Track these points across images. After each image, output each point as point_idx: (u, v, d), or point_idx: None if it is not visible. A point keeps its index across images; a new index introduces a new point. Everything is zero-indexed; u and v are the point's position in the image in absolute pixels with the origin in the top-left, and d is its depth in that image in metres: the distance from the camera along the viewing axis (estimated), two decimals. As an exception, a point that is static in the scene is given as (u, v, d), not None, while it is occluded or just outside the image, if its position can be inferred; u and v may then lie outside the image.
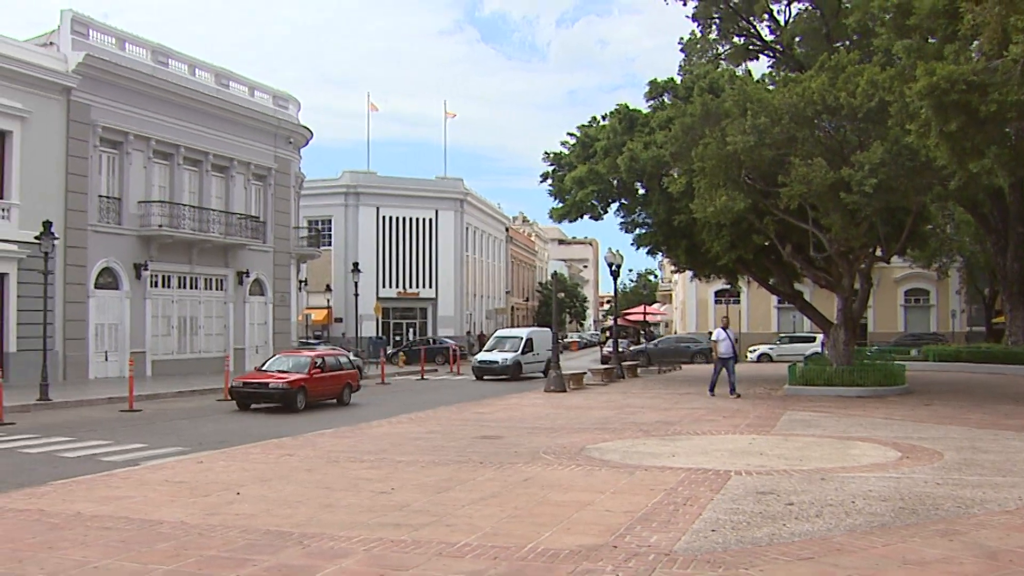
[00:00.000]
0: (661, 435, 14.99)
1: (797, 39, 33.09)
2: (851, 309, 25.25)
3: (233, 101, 37.37)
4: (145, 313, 33.20)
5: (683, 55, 34.75)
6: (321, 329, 54.62)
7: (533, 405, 21.31)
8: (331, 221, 58.00)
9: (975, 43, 17.02)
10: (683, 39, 34.55)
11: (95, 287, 31.17)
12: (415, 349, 46.78)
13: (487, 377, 34.57)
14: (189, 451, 14.08)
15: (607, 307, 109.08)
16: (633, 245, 31.65)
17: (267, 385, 21.61)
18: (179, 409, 22.15)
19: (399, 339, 56.69)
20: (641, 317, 69.87)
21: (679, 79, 31.97)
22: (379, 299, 55.11)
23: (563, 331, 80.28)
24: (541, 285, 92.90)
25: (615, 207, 31.05)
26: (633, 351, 44.47)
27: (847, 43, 28.79)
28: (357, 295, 42.32)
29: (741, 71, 32.61)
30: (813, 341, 43.98)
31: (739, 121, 21.85)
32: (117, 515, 8.69)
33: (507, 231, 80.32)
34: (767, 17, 33.77)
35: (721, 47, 34.98)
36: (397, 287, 59.30)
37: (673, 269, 45.37)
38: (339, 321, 54.26)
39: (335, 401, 23.36)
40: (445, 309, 60.88)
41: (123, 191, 32.42)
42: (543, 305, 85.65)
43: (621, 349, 36.29)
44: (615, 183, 29.25)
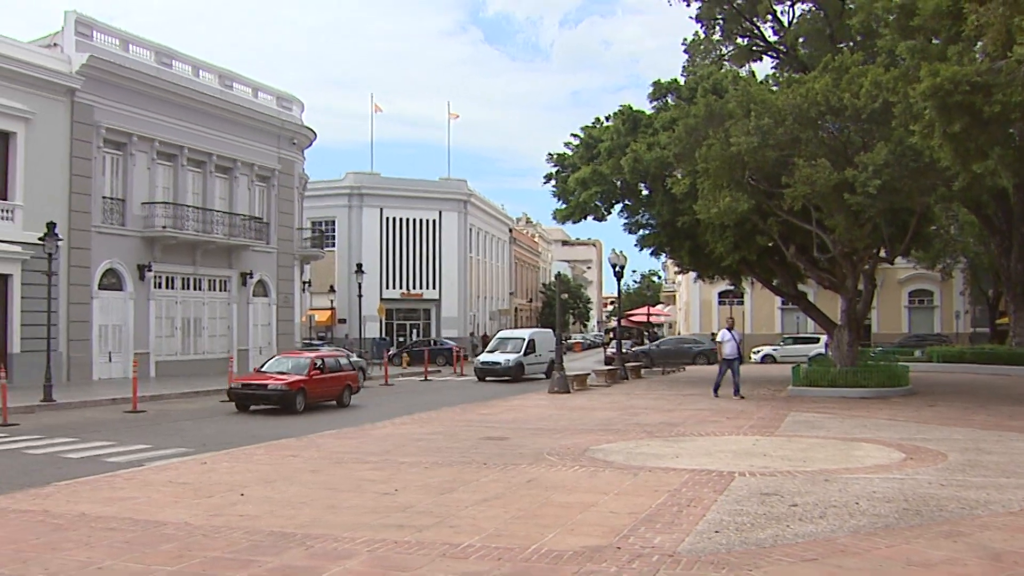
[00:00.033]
0: (665, 436, 14.99)
1: (801, 40, 33.02)
2: (855, 310, 25.23)
3: (237, 102, 37.41)
4: (149, 314, 33.26)
5: (687, 56, 34.70)
6: (325, 330, 54.61)
7: (537, 406, 21.30)
8: (335, 222, 58.03)
9: (979, 44, 17.00)
10: (687, 40, 34.51)
11: (99, 288, 31.22)
12: (416, 350, 46.80)
13: (489, 378, 34.59)
14: (193, 452, 14.09)
15: (611, 308, 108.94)
16: (637, 246, 31.71)
17: (266, 387, 21.38)
18: (183, 410, 22.15)
19: (403, 340, 56.70)
20: (645, 318, 70.08)
21: (683, 80, 31.96)
22: (383, 300, 55.16)
23: (567, 332, 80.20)
24: (545, 286, 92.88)
25: (619, 208, 31.10)
26: (634, 352, 44.35)
27: (851, 44, 28.73)
28: (361, 296, 42.32)
29: (745, 72, 32.54)
30: (817, 342, 43.93)
31: (743, 122, 21.85)
32: (121, 516, 8.71)
33: (511, 232, 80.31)
34: (771, 18, 33.71)
35: (725, 48, 34.92)
36: (401, 288, 59.32)
37: (677, 270, 45.43)
38: (343, 322, 54.23)
39: (335, 403, 23.20)
40: (449, 310, 60.92)
41: (127, 192, 32.48)
42: (547, 306, 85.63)
43: (624, 350, 36.24)
44: (619, 184, 29.26)
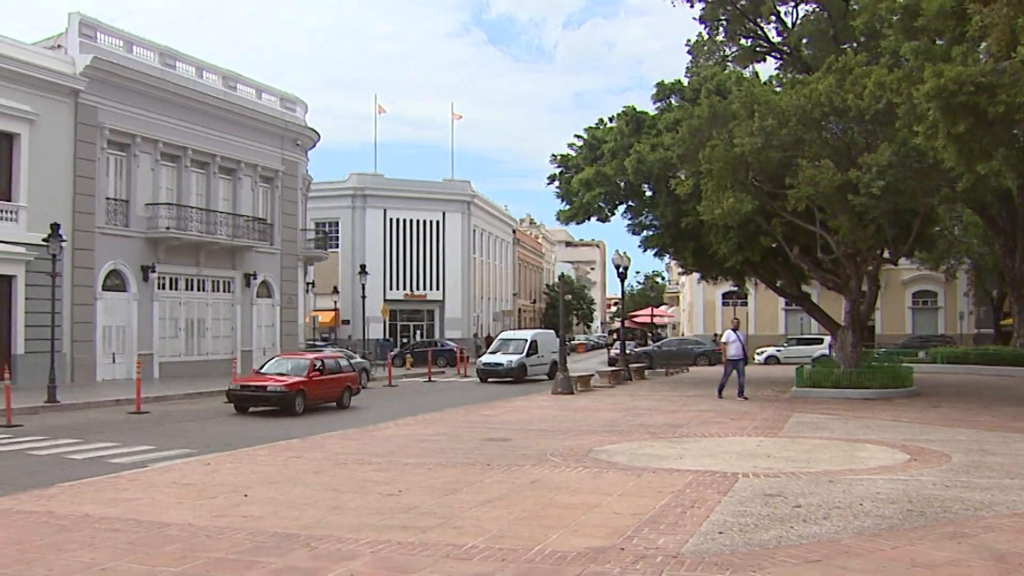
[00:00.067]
0: (669, 437, 14.97)
1: (804, 41, 33.02)
2: (859, 311, 25.19)
3: (240, 103, 37.47)
4: (152, 315, 33.31)
5: (690, 57, 34.70)
6: (328, 331, 54.67)
7: (540, 407, 21.29)
8: (338, 223, 58.10)
9: (983, 44, 17.00)
10: (690, 41, 34.51)
11: (103, 289, 31.28)
12: (418, 351, 46.80)
13: (491, 379, 34.55)
14: (196, 453, 14.09)
15: (614, 309, 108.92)
16: (640, 247, 31.73)
17: (265, 388, 21.18)
18: (186, 411, 22.16)
19: (406, 341, 56.72)
20: (648, 319, 70.07)
21: (686, 81, 31.96)
22: (386, 301, 55.19)
23: (570, 333, 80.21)
24: (548, 287, 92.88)
25: (622, 209, 31.11)
26: (635, 353, 44.25)
27: (854, 45, 28.72)
28: (364, 297, 42.34)
29: (748, 73, 32.52)
30: (820, 343, 43.85)
31: (746, 123, 21.83)
32: (125, 517, 8.71)
33: (514, 233, 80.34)
34: (774, 19, 33.68)
35: (728, 49, 34.92)
36: (404, 289, 59.38)
37: (680, 271, 45.36)
38: (346, 323, 54.27)
39: (335, 404, 23.02)
40: (452, 311, 60.96)
41: (130, 193, 32.53)
42: (550, 307, 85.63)
43: (627, 351, 36.22)
44: (622, 185, 29.26)
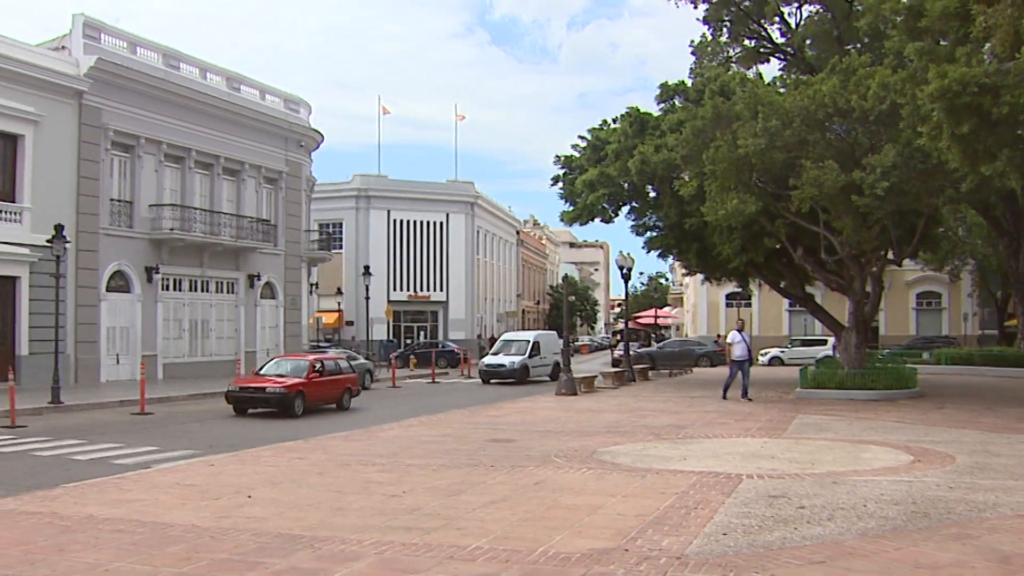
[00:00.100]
0: (672, 438, 14.97)
1: (808, 42, 32.96)
2: (863, 312, 25.17)
3: (244, 105, 37.49)
4: (156, 316, 33.33)
5: (694, 58, 34.66)
6: (332, 332, 54.71)
7: (544, 408, 21.30)
8: (342, 224, 58.15)
9: (987, 45, 16.95)
10: (694, 42, 34.46)
11: (106, 290, 31.29)
12: (419, 352, 46.81)
13: (494, 381, 34.49)
14: (200, 454, 14.11)
15: (618, 310, 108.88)
16: (644, 248, 31.71)
17: (264, 390, 21.04)
18: (190, 412, 22.17)
19: (410, 342, 56.75)
20: (652, 320, 70.05)
21: (690, 82, 31.96)
22: (390, 302, 55.23)
23: (574, 334, 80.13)
24: (552, 288, 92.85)
25: (626, 210, 31.11)
26: (636, 354, 44.15)
27: (858, 46, 28.66)
28: (368, 298, 42.37)
29: (752, 74, 32.52)
30: (824, 344, 43.78)
31: (750, 124, 21.82)
32: (128, 518, 8.72)
33: (518, 234, 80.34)
34: (778, 20, 33.62)
35: (732, 50, 34.86)
36: (408, 290, 59.39)
37: (684, 272, 45.23)
38: (350, 324, 54.32)
39: (334, 406, 22.84)
40: (456, 312, 60.97)
41: (134, 194, 32.55)
42: (554, 308, 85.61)
43: (630, 352, 36.18)
44: (626, 186, 29.27)
